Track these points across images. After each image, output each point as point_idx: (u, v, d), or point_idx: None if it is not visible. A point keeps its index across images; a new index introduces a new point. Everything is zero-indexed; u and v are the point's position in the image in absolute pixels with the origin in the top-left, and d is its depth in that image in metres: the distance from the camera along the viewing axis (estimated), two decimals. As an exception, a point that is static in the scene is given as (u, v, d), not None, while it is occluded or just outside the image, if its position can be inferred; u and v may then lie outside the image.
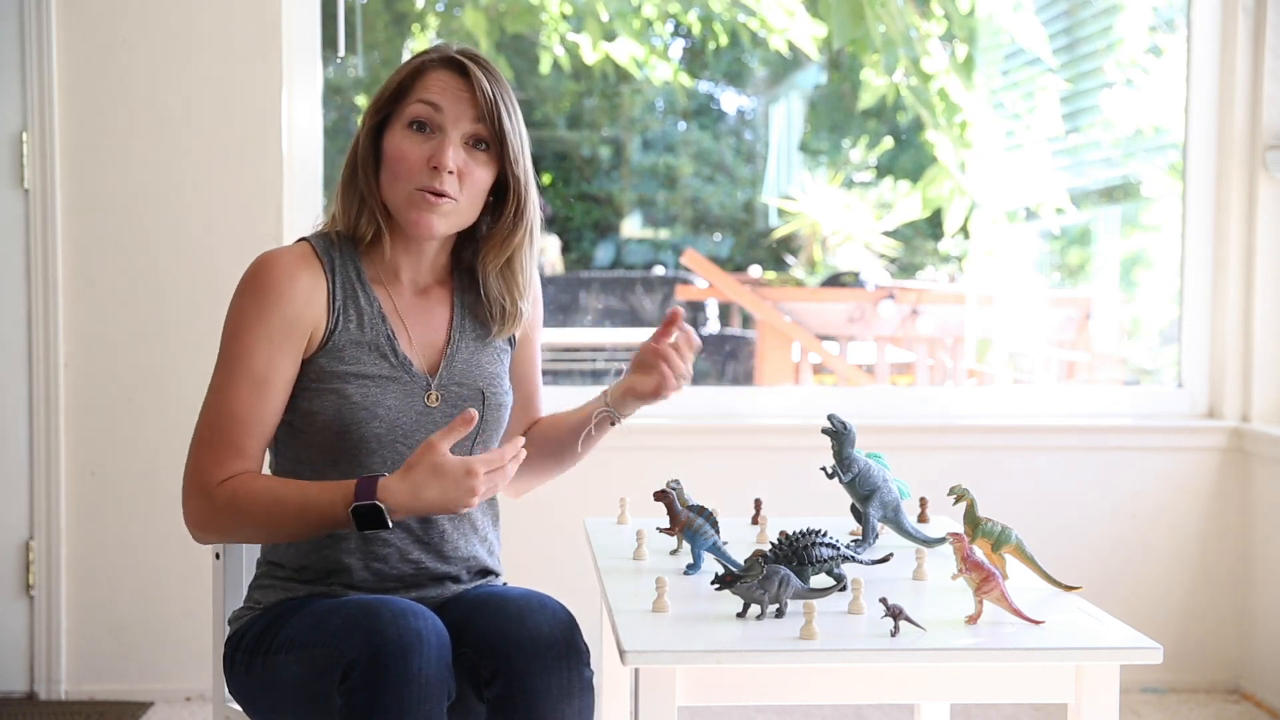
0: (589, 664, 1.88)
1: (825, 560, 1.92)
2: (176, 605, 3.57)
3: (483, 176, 2.02)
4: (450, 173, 1.98)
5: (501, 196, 2.06)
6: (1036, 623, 1.81)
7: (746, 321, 5.38)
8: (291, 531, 1.92)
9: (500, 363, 2.12)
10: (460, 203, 2.00)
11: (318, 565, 2.02)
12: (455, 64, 2.01)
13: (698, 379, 5.34)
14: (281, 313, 1.96)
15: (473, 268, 2.10)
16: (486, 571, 2.12)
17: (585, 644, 1.89)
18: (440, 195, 1.97)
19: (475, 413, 1.85)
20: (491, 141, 2.01)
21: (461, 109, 1.99)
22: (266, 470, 2.05)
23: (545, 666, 1.83)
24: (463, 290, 2.11)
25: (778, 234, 5.71)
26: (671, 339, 2.08)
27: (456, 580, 2.07)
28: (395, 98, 2.02)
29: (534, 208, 2.07)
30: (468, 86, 1.99)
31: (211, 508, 1.93)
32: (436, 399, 2.03)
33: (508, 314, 2.09)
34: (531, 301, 2.15)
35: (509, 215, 2.05)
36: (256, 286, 1.98)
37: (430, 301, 2.08)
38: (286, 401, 1.99)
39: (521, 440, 1.90)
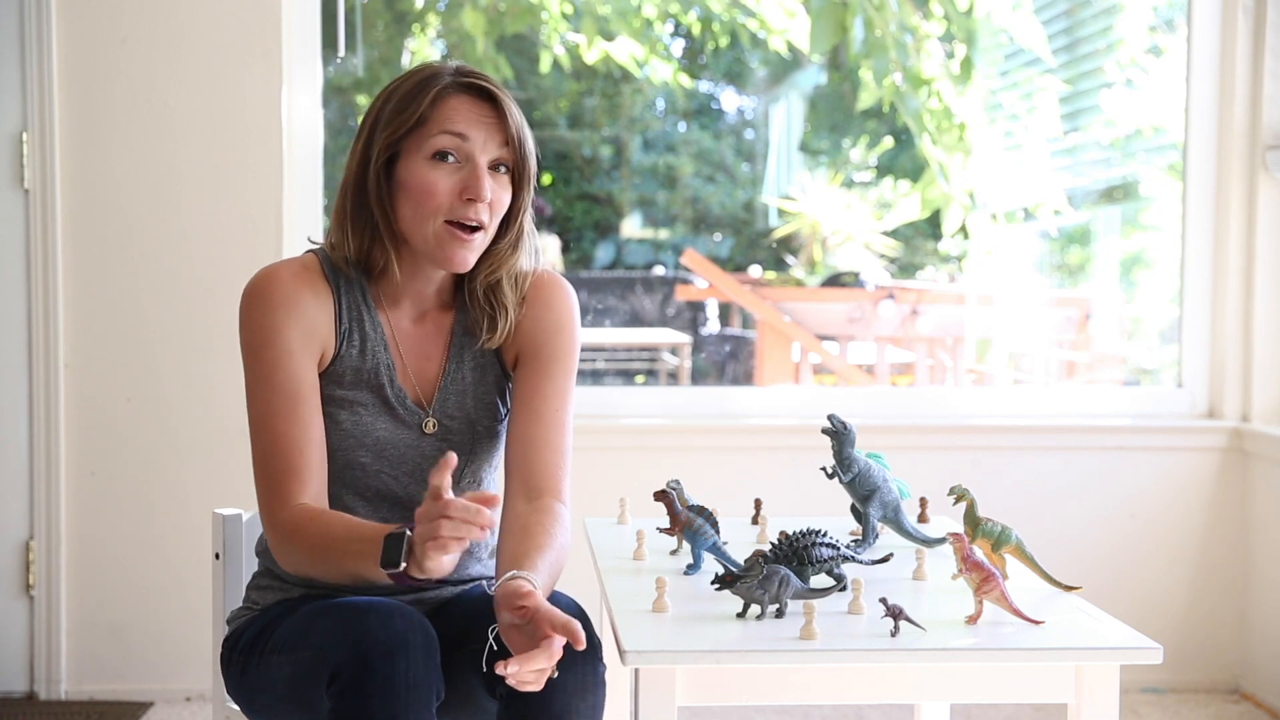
0: (603, 659, 1.86)
1: (825, 560, 1.92)
2: (176, 605, 3.57)
3: (506, 200, 1.99)
4: (484, 203, 1.95)
5: (506, 216, 2.02)
6: (1036, 623, 1.81)
7: (746, 321, 5.37)
8: (339, 566, 1.84)
9: (497, 390, 2.07)
10: (488, 230, 1.98)
11: None
12: (476, 90, 1.96)
13: (699, 379, 5.34)
14: (296, 323, 1.95)
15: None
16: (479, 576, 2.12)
17: (599, 638, 1.87)
18: (473, 230, 1.95)
19: (454, 456, 1.71)
20: (513, 166, 1.98)
21: (489, 135, 1.95)
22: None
23: (561, 661, 1.81)
24: (463, 309, 2.07)
25: (778, 234, 5.70)
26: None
27: (456, 583, 2.07)
28: (413, 129, 1.96)
29: (530, 225, 2.05)
30: (493, 113, 1.96)
31: (277, 540, 1.91)
32: (433, 426, 2.02)
33: (497, 322, 2.03)
34: (539, 314, 2.06)
35: (511, 235, 2.02)
36: (266, 301, 1.95)
37: (427, 328, 2.05)
38: (321, 407, 1.97)
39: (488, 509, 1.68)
